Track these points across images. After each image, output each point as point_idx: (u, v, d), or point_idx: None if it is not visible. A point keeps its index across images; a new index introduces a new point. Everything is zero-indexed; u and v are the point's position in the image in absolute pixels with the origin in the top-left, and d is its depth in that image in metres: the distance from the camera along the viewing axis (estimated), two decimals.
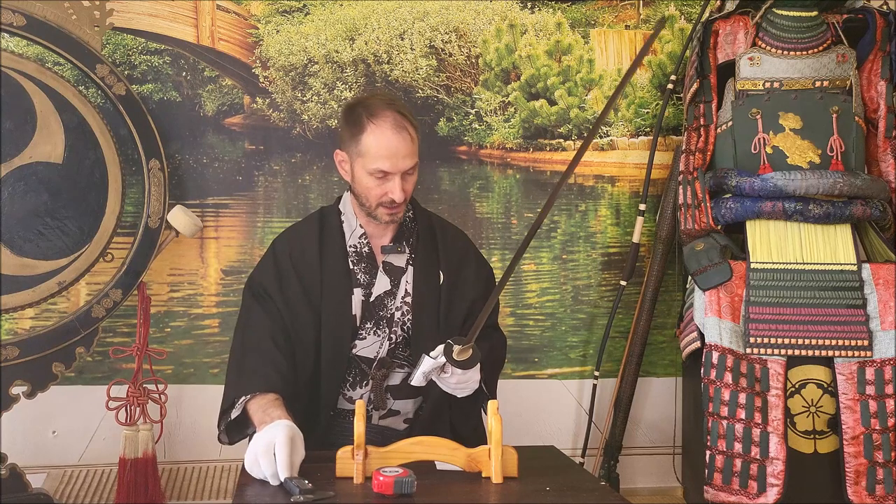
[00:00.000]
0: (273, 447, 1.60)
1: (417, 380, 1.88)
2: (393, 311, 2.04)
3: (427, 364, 1.84)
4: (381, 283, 2.05)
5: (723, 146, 2.85)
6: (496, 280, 2.21)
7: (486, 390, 2.00)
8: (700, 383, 2.61)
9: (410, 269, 2.07)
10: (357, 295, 2.02)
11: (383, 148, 1.92)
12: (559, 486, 1.63)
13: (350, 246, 2.06)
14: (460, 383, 1.88)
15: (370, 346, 2.04)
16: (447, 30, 3.17)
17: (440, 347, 1.83)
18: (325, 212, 2.13)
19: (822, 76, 2.81)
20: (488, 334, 2.07)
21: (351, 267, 2.04)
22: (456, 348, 1.79)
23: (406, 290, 2.05)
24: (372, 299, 2.03)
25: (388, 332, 2.04)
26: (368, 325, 2.03)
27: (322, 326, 1.99)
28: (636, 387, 3.09)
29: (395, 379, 2.06)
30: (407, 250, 2.08)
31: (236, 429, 1.90)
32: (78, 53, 2.62)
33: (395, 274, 2.06)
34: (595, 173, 3.26)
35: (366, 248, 2.06)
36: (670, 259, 3.08)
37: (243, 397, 1.83)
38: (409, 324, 2.05)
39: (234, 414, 1.84)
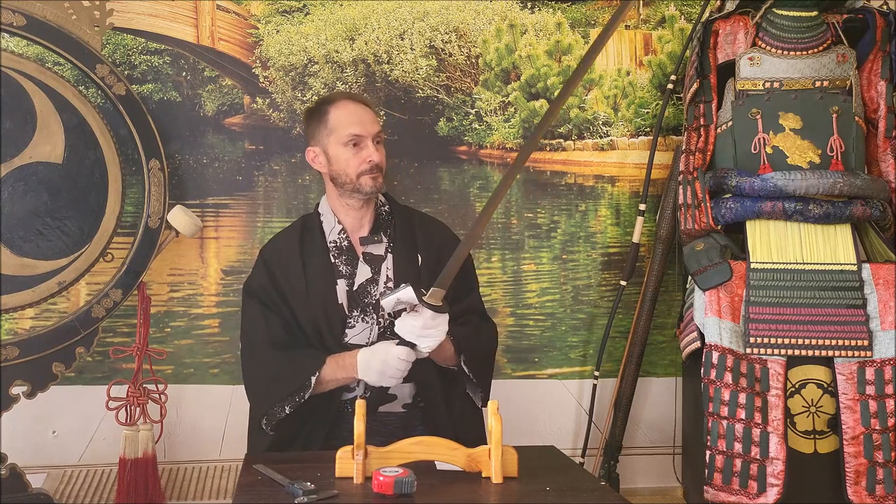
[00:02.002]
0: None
1: (388, 303, 1.93)
2: (377, 297, 2.14)
3: (404, 293, 1.88)
4: (363, 272, 2.17)
5: (723, 146, 2.85)
6: (473, 265, 2.33)
7: (469, 372, 2.08)
8: (700, 383, 2.61)
9: (390, 256, 2.18)
10: (341, 285, 2.15)
11: (350, 115, 2.13)
12: (559, 486, 1.63)
13: (330, 242, 2.19)
14: (426, 328, 1.90)
15: (360, 332, 2.14)
16: (447, 30, 3.17)
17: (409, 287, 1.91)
18: (307, 217, 2.29)
19: (822, 76, 2.80)
20: (469, 320, 2.17)
21: (333, 261, 2.17)
22: (429, 291, 1.87)
23: (388, 275, 2.17)
24: (355, 288, 2.15)
25: (375, 317, 2.14)
26: (356, 313, 2.14)
27: (316, 320, 2.11)
28: (636, 387, 3.09)
29: None
30: (385, 240, 2.20)
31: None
32: (78, 53, 2.62)
33: (374, 262, 2.18)
34: (595, 173, 3.26)
35: (345, 242, 2.19)
36: (670, 259, 3.08)
37: (312, 377, 2.00)
38: None
39: (308, 394, 2.01)
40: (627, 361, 3.08)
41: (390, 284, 2.15)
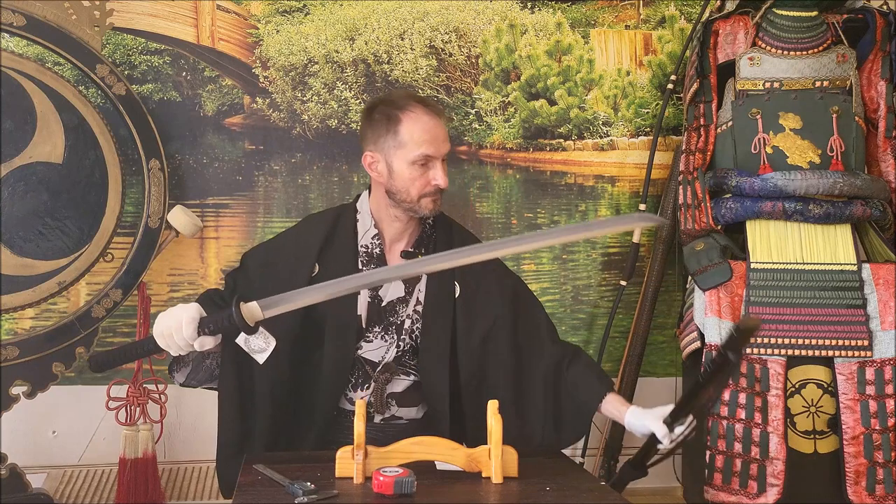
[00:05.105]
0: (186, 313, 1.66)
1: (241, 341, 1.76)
2: (404, 318, 2.00)
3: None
4: (395, 289, 2.00)
5: (723, 146, 2.85)
6: (526, 289, 2.15)
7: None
8: None
9: (425, 277, 2.00)
10: (363, 296, 1.98)
11: (425, 132, 1.91)
12: (559, 486, 1.63)
13: (361, 246, 2.01)
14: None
15: (376, 349, 2.00)
16: (447, 30, 3.17)
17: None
18: (343, 209, 2.08)
19: (822, 76, 2.81)
20: (566, 351, 2.03)
21: (360, 267, 1.99)
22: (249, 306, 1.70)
23: (418, 298, 2.00)
24: (384, 304, 1.99)
25: (395, 338, 1.99)
26: (377, 329, 1.99)
27: (326, 325, 1.95)
28: (636, 387, 3.09)
29: (399, 386, 2.01)
30: None
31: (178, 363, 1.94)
32: (78, 53, 2.63)
33: (409, 282, 2.00)
34: (595, 173, 3.26)
35: (377, 250, 2.01)
36: (670, 259, 3.08)
37: None
38: (417, 332, 2.00)
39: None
40: (627, 361, 3.08)
41: (419, 308, 1.99)
